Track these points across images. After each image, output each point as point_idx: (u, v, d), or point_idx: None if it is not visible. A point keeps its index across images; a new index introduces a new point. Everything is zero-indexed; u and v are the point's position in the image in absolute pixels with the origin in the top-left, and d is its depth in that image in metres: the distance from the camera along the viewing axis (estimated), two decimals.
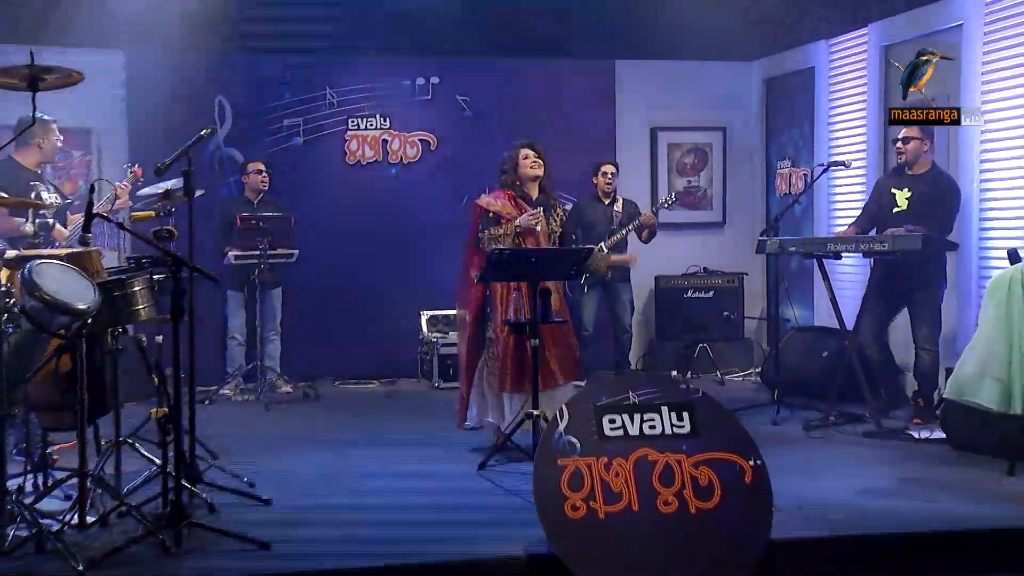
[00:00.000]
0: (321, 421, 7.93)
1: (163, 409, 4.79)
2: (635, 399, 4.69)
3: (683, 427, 4.66)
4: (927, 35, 7.98)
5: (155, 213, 5.73)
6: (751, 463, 4.62)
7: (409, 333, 9.71)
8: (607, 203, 8.84)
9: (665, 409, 4.67)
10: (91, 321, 4.63)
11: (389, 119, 9.88)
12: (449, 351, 8.96)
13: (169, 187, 5.84)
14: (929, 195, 7.14)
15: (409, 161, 9.92)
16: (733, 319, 9.93)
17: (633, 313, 9.00)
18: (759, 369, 9.45)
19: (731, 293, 9.98)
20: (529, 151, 6.72)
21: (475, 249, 6.65)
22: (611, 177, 8.84)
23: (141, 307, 4.91)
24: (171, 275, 4.54)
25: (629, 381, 5.13)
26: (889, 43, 8.49)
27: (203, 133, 5.68)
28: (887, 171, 8.02)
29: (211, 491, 5.32)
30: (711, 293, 9.98)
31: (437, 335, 9.40)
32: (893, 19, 8.39)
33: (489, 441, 6.53)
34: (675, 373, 9.56)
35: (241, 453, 6.38)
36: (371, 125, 9.85)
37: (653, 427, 4.64)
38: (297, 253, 8.59)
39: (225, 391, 8.69)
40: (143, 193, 6.62)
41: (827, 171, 8.20)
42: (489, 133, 9.57)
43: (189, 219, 5.52)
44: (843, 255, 7.55)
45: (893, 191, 7.30)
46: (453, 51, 9.68)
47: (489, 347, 6.59)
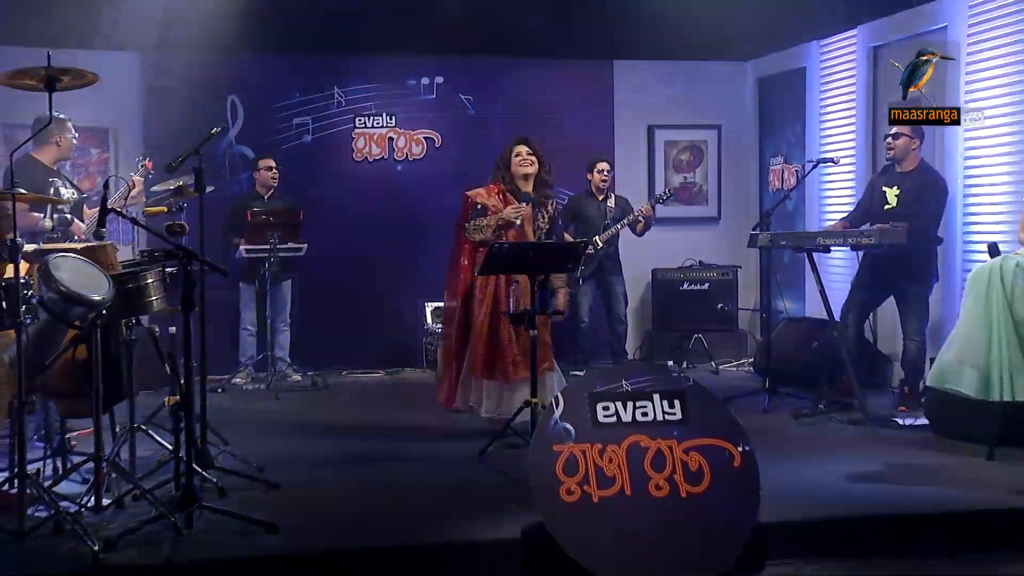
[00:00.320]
0: (328, 409, 7.94)
1: (176, 397, 4.84)
2: (628, 387, 4.71)
3: (674, 414, 4.68)
4: (913, 36, 8.00)
5: (167, 208, 5.78)
6: (739, 449, 4.65)
7: (413, 324, 9.73)
8: (600, 199, 8.87)
9: (657, 397, 4.69)
10: (106, 312, 4.67)
11: (395, 117, 9.89)
12: None
13: (181, 183, 5.88)
14: (918, 192, 7.14)
15: (414, 158, 9.93)
16: (727, 311, 9.92)
17: (627, 304, 9.04)
18: (752, 359, 9.45)
19: (725, 285, 9.98)
20: (522, 148, 6.67)
21: (463, 237, 6.62)
22: (606, 174, 8.87)
23: (153, 299, 4.95)
24: (182, 268, 4.58)
25: (622, 370, 5.15)
26: (877, 44, 8.51)
27: (213, 131, 5.72)
28: (875, 167, 8.05)
29: (222, 475, 5.34)
30: (706, 285, 9.98)
31: (440, 326, 9.41)
32: (881, 21, 8.41)
33: (485, 426, 6.53)
34: (671, 363, 9.58)
35: (251, 439, 6.39)
36: (377, 123, 9.87)
37: (645, 414, 4.66)
38: (306, 247, 8.60)
39: (237, 380, 8.72)
40: (156, 189, 6.66)
41: (816, 168, 8.23)
42: (491, 131, 9.58)
43: (200, 214, 5.54)
44: (832, 249, 7.55)
45: (884, 189, 7.30)
46: (457, 52, 9.67)
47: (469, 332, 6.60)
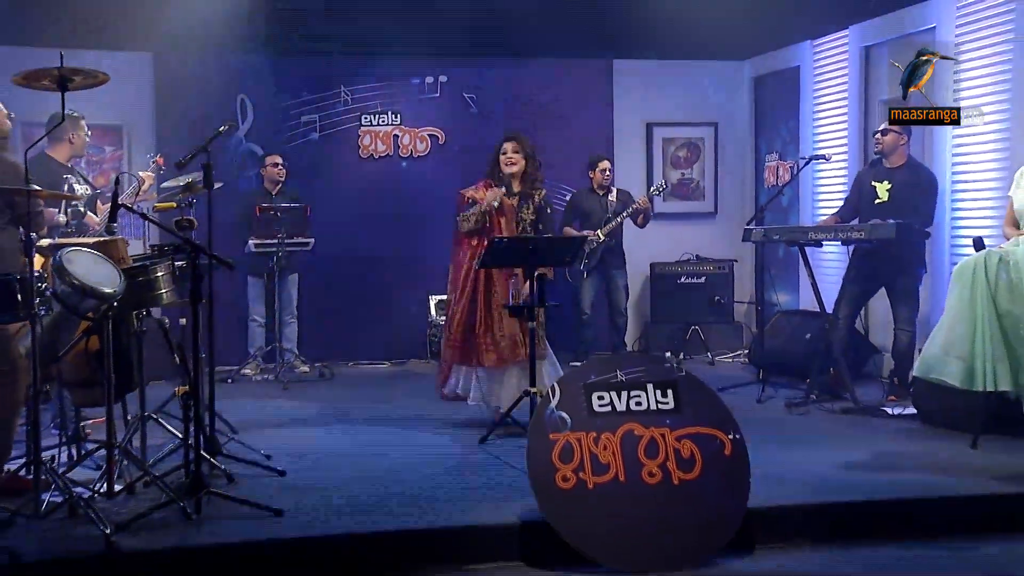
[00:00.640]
0: (335, 399, 7.95)
1: (186, 387, 4.88)
2: (622, 377, 4.74)
3: (667, 403, 4.71)
4: (903, 36, 8.03)
5: (176, 204, 5.81)
6: (730, 437, 4.68)
7: (418, 316, 9.75)
8: (601, 194, 8.90)
9: (650, 387, 4.73)
10: (117, 304, 4.69)
11: (400, 115, 9.93)
12: None
13: (190, 179, 5.90)
14: (909, 187, 7.15)
15: (419, 155, 9.96)
16: (723, 303, 9.96)
17: (628, 297, 9.06)
18: (747, 350, 9.49)
19: (722, 279, 10.01)
20: (508, 146, 6.67)
21: (461, 237, 6.67)
22: (608, 173, 8.91)
23: (163, 291, 4.99)
24: (190, 262, 4.61)
25: (617, 360, 5.17)
26: (868, 44, 8.53)
27: (221, 129, 5.74)
28: (866, 163, 8.05)
29: (230, 463, 5.38)
30: (703, 279, 10.01)
31: (444, 318, 9.43)
32: (872, 21, 8.42)
33: (488, 416, 6.57)
34: (668, 354, 9.60)
35: (259, 428, 6.45)
36: (383, 121, 9.90)
37: (639, 403, 4.69)
38: (313, 241, 8.64)
39: (246, 371, 8.76)
40: (166, 185, 6.69)
41: (808, 164, 8.23)
42: (494, 128, 9.50)
43: (208, 209, 5.57)
44: (824, 243, 7.58)
45: (873, 184, 7.30)
46: (460, 52, 9.72)
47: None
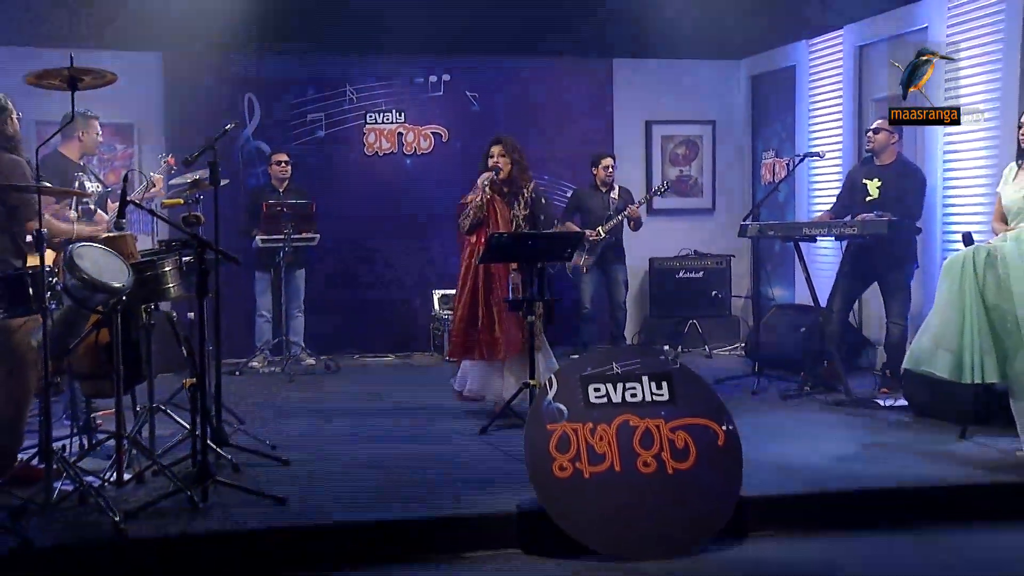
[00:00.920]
0: (339, 391, 7.98)
1: (194, 379, 4.91)
2: (618, 369, 4.76)
3: (662, 395, 4.74)
4: (895, 36, 8.04)
5: (183, 200, 5.83)
6: (723, 428, 4.71)
7: (422, 310, 9.79)
8: (604, 191, 8.91)
9: (646, 378, 4.75)
10: (126, 298, 4.73)
11: (404, 113, 9.94)
12: None
13: (197, 177, 5.93)
14: (898, 184, 7.15)
15: (422, 152, 9.98)
16: (721, 298, 9.99)
17: (627, 292, 9.07)
18: (744, 344, 9.50)
19: (719, 274, 10.03)
20: (495, 149, 6.71)
21: (464, 243, 6.75)
22: (611, 170, 8.91)
23: (170, 286, 5.02)
24: (197, 257, 4.64)
25: (613, 353, 5.19)
26: (862, 43, 8.54)
27: (227, 127, 5.76)
28: (858, 161, 8.06)
29: (236, 453, 5.40)
30: (701, 274, 10.03)
31: (447, 312, 9.44)
32: (865, 21, 8.44)
33: (490, 408, 6.60)
34: (667, 347, 9.62)
35: (265, 419, 6.48)
36: (387, 119, 9.92)
37: (634, 395, 4.72)
38: (318, 237, 8.66)
39: (254, 363, 8.78)
40: (174, 182, 6.72)
41: (803, 161, 8.25)
42: (496, 126, 9.54)
43: (215, 206, 5.59)
44: (818, 239, 7.59)
45: (864, 181, 7.30)
46: (463, 51, 9.74)
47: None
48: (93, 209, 6.57)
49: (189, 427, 5.02)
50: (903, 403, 6.67)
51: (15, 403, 4.94)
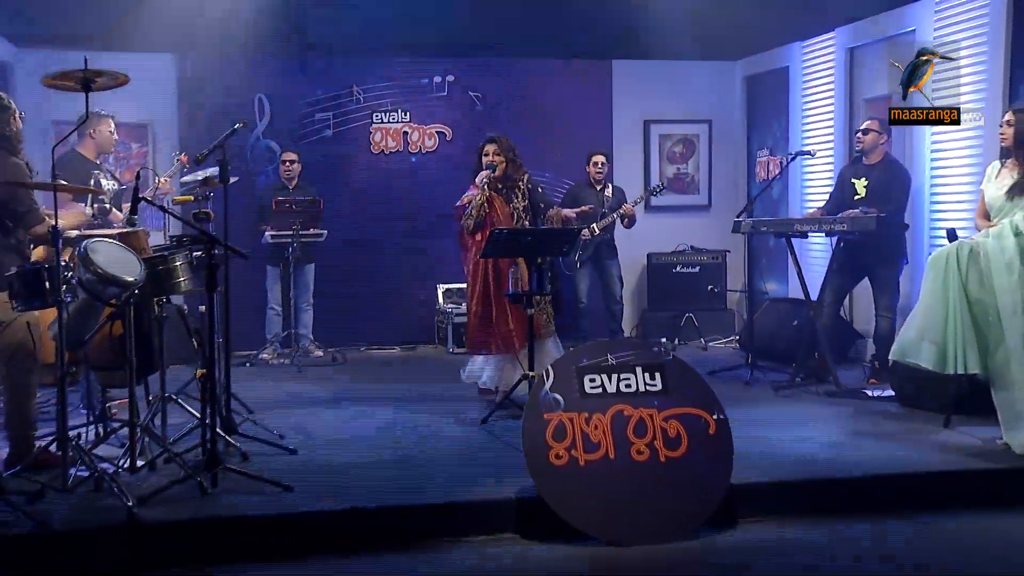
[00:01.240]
0: (346, 382, 7.99)
1: (204, 370, 4.94)
2: (612, 361, 4.79)
3: (655, 385, 4.76)
4: (885, 39, 8.05)
5: (194, 197, 5.86)
6: (715, 417, 4.74)
7: (427, 304, 9.80)
8: (599, 189, 8.91)
9: (639, 369, 4.78)
10: (138, 292, 4.76)
11: (409, 113, 9.95)
12: (462, 320, 9.03)
13: (207, 174, 5.96)
14: (884, 182, 7.16)
15: (427, 151, 9.99)
16: (716, 292, 9.99)
17: (622, 286, 9.06)
18: (738, 336, 9.51)
19: (715, 268, 10.03)
20: (489, 148, 6.74)
21: (466, 249, 6.78)
22: (601, 166, 8.90)
23: (181, 280, 5.05)
24: (206, 252, 4.67)
25: (608, 345, 5.21)
26: (853, 45, 8.54)
27: (236, 127, 5.78)
28: (850, 160, 8.08)
29: (245, 441, 5.44)
30: (697, 268, 10.04)
31: (451, 306, 9.49)
32: (856, 24, 8.44)
33: (489, 398, 6.63)
34: (664, 340, 9.64)
35: (274, 409, 6.50)
36: (393, 118, 9.93)
37: (628, 385, 4.75)
38: (326, 233, 8.68)
39: (264, 355, 8.80)
40: (185, 180, 6.74)
41: (794, 159, 8.26)
42: (498, 125, 9.54)
43: (224, 202, 5.63)
44: (809, 235, 7.60)
45: (853, 181, 7.32)
46: (466, 53, 9.75)
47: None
48: (108, 207, 6.60)
49: (199, 416, 5.05)
50: (890, 393, 6.69)
51: (20, 393, 4.96)
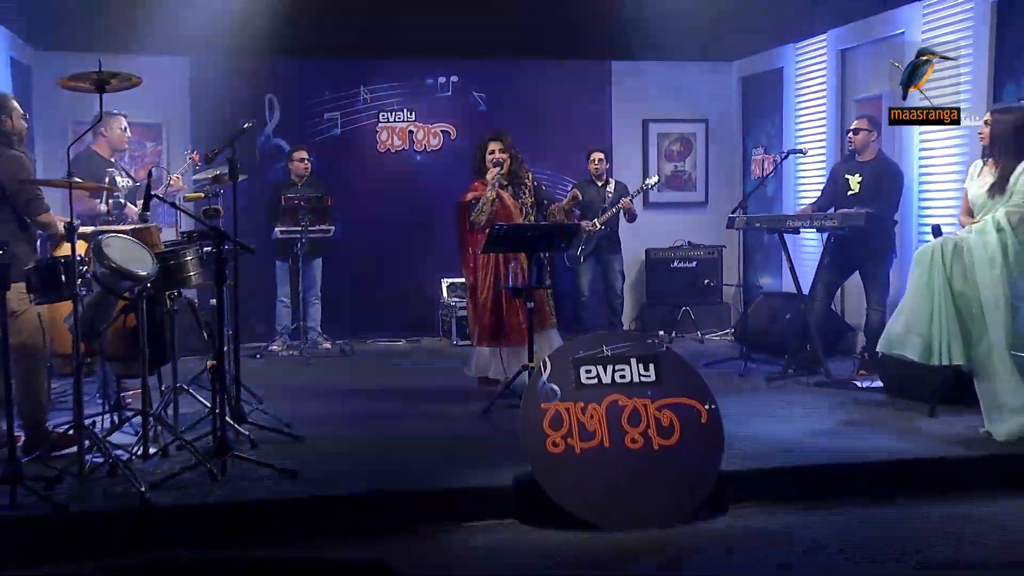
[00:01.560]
0: (353, 373, 8.02)
1: (215, 360, 4.98)
2: (608, 352, 4.80)
3: (649, 376, 4.77)
4: (875, 41, 8.05)
5: (204, 194, 5.90)
6: (706, 407, 4.75)
7: (431, 298, 9.83)
8: (601, 184, 8.93)
9: (634, 361, 4.79)
10: (150, 285, 4.81)
11: (415, 113, 9.99)
12: (465, 313, 9.07)
13: (218, 172, 5.99)
14: (878, 179, 7.18)
15: (432, 149, 10.02)
16: (712, 286, 10.02)
17: (623, 281, 9.07)
18: (733, 329, 9.53)
19: (711, 263, 10.06)
20: (495, 145, 6.72)
21: (465, 244, 6.77)
22: (598, 163, 8.91)
23: (192, 274, 5.09)
24: (215, 247, 4.71)
25: (604, 337, 5.22)
26: (844, 47, 8.55)
27: (245, 126, 5.81)
28: (842, 157, 8.09)
29: (254, 430, 5.46)
30: (694, 263, 10.07)
31: (455, 299, 9.52)
32: (847, 27, 8.45)
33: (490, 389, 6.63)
34: (662, 332, 9.66)
35: (282, 399, 6.48)
36: (399, 118, 9.96)
37: (623, 376, 4.76)
38: (334, 229, 8.72)
39: (273, 347, 8.84)
40: (197, 177, 6.78)
41: (786, 158, 8.28)
42: (501, 124, 9.45)
43: (234, 199, 5.65)
44: (801, 230, 7.63)
45: (847, 176, 7.34)
46: (470, 54, 9.76)
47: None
48: (123, 203, 6.65)
49: (210, 406, 5.09)
50: (879, 384, 6.70)
51: (30, 378, 5.01)
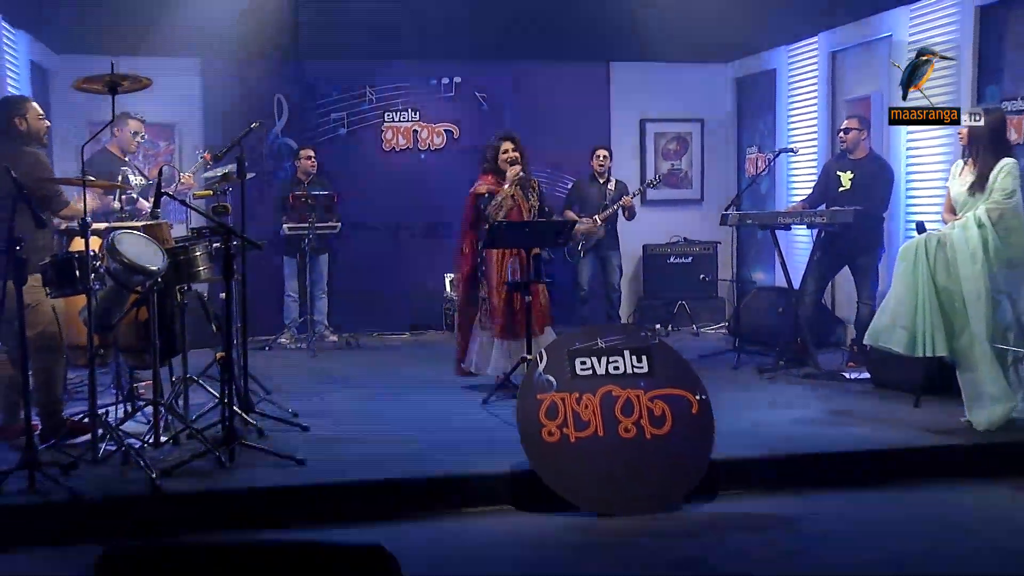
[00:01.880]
0: (358, 365, 8.04)
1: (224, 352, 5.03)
2: (602, 344, 4.83)
3: (642, 367, 4.80)
4: (864, 43, 8.07)
5: (213, 192, 5.93)
6: (697, 397, 4.78)
7: (435, 292, 9.84)
8: (601, 182, 8.93)
9: (627, 353, 4.82)
10: (161, 280, 4.85)
11: (419, 112, 10.00)
12: None
13: (227, 171, 6.02)
14: (869, 177, 7.19)
15: (435, 148, 10.04)
16: (708, 281, 10.04)
17: (622, 275, 9.07)
18: (728, 322, 9.57)
19: (707, 259, 10.08)
20: (508, 145, 6.70)
21: (467, 232, 6.76)
22: (603, 160, 8.92)
23: (201, 268, 5.13)
24: (224, 243, 4.75)
25: (598, 329, 5.25)
26: (835, 49, 8.56)
27: (252, 126, 5.84)
28: (833, 155, 8.11)
29: (261, 419, 5.51)
30: (690, 259, 10.09)
31: (456, 294, 9.53)
32: (838, 29, 8.46)
33: (492, 382, 6.65)
34: (658, 326, 9.70)
35: (289, 389, 6.54)
36: (404, 118, 9.98)
37: (617, 368, 4.79)
38: (340, 225, 8.74)
39: (282, 340, 8.87)
40: (206, 175, 6.82)
41: (778, 157, 8.30)
42: (503, 124, 9.54)
43: (242, 197, 5.68)
44: (792, 227, 7.65)
45: (838, 173, 7.34)
46: (473, 56, 9.79)
47: (482, 304, 6.67)
48: (136, 199, 6.68)
49: (219, 396, 5.13)
50: (866, 376, 6.73)
51: (46, 374, 5.07)
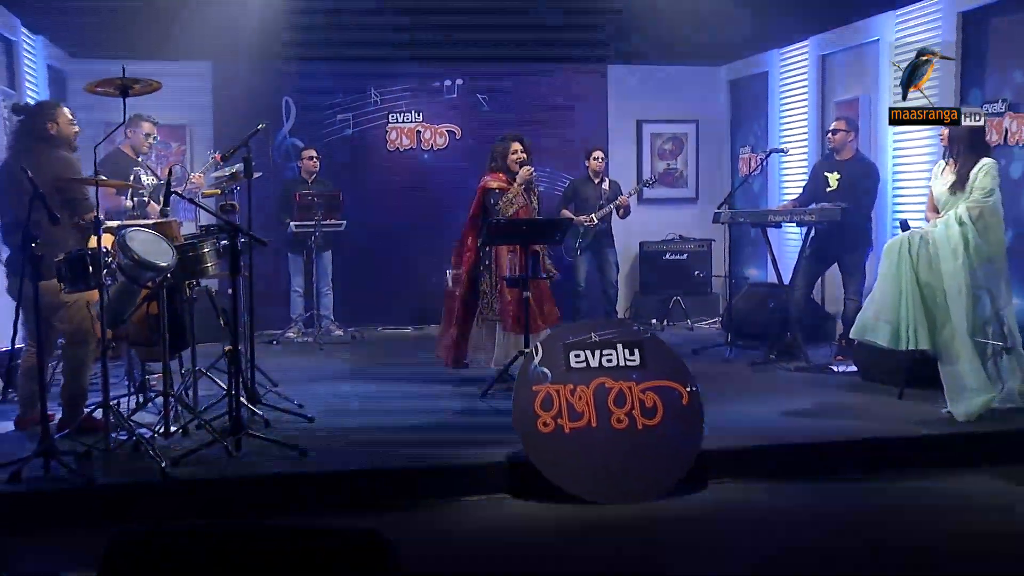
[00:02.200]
0: (362, 359, 8.08)
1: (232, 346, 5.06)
2: (596, 338, 4.86)
3: (634, 360, 4.83)
4: (853, 47, 8.09)
5: (221, 191, 5.97)
6: (688, 389, 4.81)
7: (437, 288, 9.79)
8: (597, 182, 8.95)
9: (620, 346, 4.85)
10: (171, 276, 4.89)
11: (422, 114, 10.03)
12: None
13: (234, 170, 6.06)
14: (856, 177, 7.21)
15: (438, 148, 10.07)
16: (702, 277, 10.07)
17: (618, 272, 9.10)
18: (721, 318, 9.59)
19: (701, 256, 10.10)
20: (517, 146, 6.71)
21: (472, 224, 6.75)
22: (600, 160, 8.95)
23: (209, 265, 5.16)
24: (231, 240, 4.78)
25: (592, 323, 5.29)
26: (825, 52, 8.58)
27: (258, 127, 5.87)
28: (822, 156, 8.14)
29: (268, 410, 5.55)
30: (685, 256, 10.11)
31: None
32: (827, 33, 8.48)
33: (491, 375, 6.66)
34: (654, 321, 9.73)
35: (295, 382, 6.57)
36: (408, 119, 10.01)
37: (610, 361, 4.82)
38: (345, 223, 8.76)
39: (289, 334, 8.90)
40: (215, 175, 6.85)
41: (768, 156, 8.32)
42: (504, 125, 9.50)
43: (248, 196, 5.73)
44: (782, 225, 7.67)
45: (826, 174, 7.36)
46: (475, 59, 9.82)
47: (483, 299, 6.68)
48: (147, 200, 6.71)
49: (226, 388, 5.17)
50: (853, 369, 6.76)
51: (78, 365, 5.14)
